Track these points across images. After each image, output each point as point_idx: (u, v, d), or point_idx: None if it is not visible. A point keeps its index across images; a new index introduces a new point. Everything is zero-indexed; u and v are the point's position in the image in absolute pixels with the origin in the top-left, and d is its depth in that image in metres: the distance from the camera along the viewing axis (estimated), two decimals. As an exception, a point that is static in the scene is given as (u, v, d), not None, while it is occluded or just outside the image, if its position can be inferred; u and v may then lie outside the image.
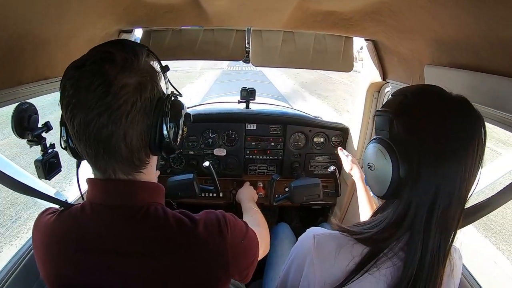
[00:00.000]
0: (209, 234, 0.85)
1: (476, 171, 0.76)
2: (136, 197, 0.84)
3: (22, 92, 1.02)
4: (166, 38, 1.75)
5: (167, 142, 0.84)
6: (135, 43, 0.85)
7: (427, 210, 0.77)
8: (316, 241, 0.87)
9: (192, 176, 1.80)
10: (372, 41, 1.63)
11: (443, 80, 1.05)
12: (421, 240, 0.78)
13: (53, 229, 0.84)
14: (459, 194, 0.76)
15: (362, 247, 0.82)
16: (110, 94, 0.72)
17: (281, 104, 3.13)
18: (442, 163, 0.75)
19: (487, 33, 0.80)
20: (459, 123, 0.75)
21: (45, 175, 1.12)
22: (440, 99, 0.80)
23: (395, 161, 0.79)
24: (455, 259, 0.88)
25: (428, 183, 0.76)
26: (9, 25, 0.85)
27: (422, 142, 0.76)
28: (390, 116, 0.82)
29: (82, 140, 0.76)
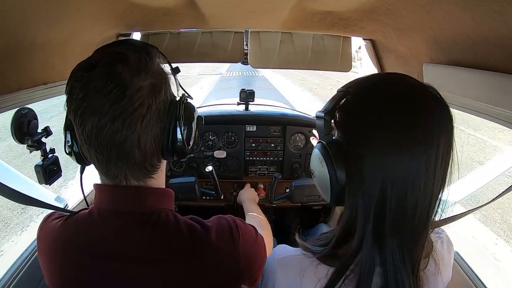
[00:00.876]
0: (222, 241, 0.83)
1: (443, 168, 0.68)
2: (146, 203, 0.82)
3: (21, 97, 1.02)
4: (164, 41, 1.75)
5: (180, 146, 0.82)
6: (145, 43, 0.84)
7: (376, 216, 0.68)
8: (279, 264, 0.81)
9: (194, 179, 1.80)
10: (370, 40, 1.63)
11: (442, 78, 1.05)
12: (376, 252, 0.70)
13: (59, 234, 0.83)
14: (420, 195, 0.67)
15: (326, 267, 0.74)
16: (126, 98, 0.69)
17: (280, 105, 3.13)
18: (390, 162, 0.66)
19: (484, 30, 0.80)
20: (413, 116, 0.66)
21: (46, 180, 1.12)
22: (391, 90, 0.71)
23: (331, 167, 0.73)
24: (441, 253, 0.81)
25: (373, 186, 0.67)
26: (6, 30, 0.85)
27: (364, 142, 0.69)
28: (326, 119, 0.76)
29: (93, 145, 0.73)
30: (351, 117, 0.73)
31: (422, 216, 0.68)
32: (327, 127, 0.76)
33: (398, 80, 0.74)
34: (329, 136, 0.77)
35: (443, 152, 0.66)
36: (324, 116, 0.75)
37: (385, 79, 0.77)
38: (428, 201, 0.68)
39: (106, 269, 0.78)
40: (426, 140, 0.65)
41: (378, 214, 0.68)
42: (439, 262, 0.78)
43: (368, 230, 0.69)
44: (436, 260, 0.78)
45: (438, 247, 0.81)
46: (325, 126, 0.76)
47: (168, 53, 1.77)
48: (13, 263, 1.28)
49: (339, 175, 0.72)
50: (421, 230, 0.70)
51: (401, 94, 0.69)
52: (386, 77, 0.77)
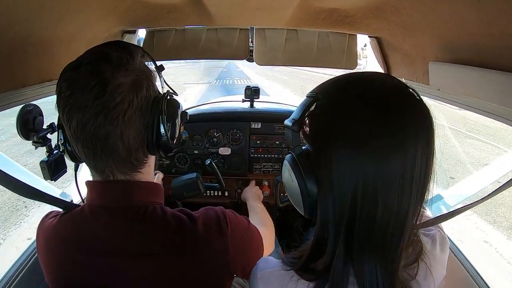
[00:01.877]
0: (209, 231, 0.85)
1: (423, 176, 0.63)
2: (134, 197, 0.84)
3: (27, 94, 1.03)
4: (169, 38, 1.76)
5: (165, 141, 0.84)
6: (130, 44, 0.86)
7: (347, 227, 0.64)
8: (260, 279, 0.78)
9: (196, 175, 1.80)
10: (376, 38, 1.61)
11: (448, 77, 1.04)
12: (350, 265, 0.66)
13: (54, 231, 0.85)
14: (394, 206, 0.62)
15: (306, 283, 0.70)
16: (107, 94, 0.72)
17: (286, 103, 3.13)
18: (360, 170, 0.61)
19: (490, 28, 0.79)
20: (385, 120, 0.61)
21: (51, 176, 1.12)
22: (360, 92, 0.66)
23: (301, 178, 0.68)
24: (432, 253, 0.77)
25: (343, 194, 0.63)
26: (11, 27, 0.85)
27: (331, 148, 0.64)
28: (294, 129, 0.69)
29: (80, 141, 0.76)
30: (319, 124, 0.69)
31: (397, 227, 0.63)
32: (296, 138, 0.70)
33: (369, 81, 0.69)
34: (299, 147, 0.71)
35: (422, 159, 0.61)
36: (292, 126, 0.70)
37: (354, 80, 0.71)
38: (405, 212, 0.63)
39: (99, 264, 0.81)
40: (400, 147, 0.60)
41: (349, 225, 0.64)
42: (429, 264, 0.74)
43: (340, 246, 0.65)
44: (427, 263, 0.74)
45: (429, 247, 0.78)
46: (293, 137, 0.70)
47: (173, 50, 1.79)
48: (14, 262, 1.30)
49: (309, 186, 0.68)
50: (396, 242, 0.65)
51: (372, 96, 0.64)
52: (356, 78, 0.71)
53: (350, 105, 0.64)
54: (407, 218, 0.64)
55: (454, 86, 1.02)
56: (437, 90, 1.13)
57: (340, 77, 0.72)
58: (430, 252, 0.76)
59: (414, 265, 0.72)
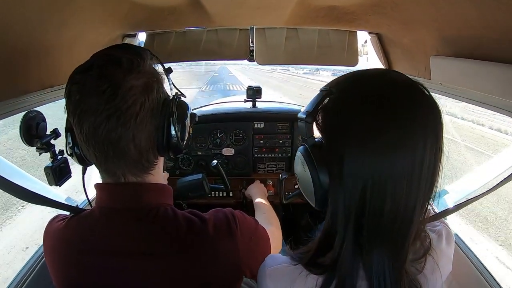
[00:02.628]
0: (219, 233, 0.85)
1: (432, 172, 0.64)
2: (145, 199, 0.85)
3: (29, 101, 1.03)
4: (170, 40, 1.76)
5: (175, 142, 0.84)
6: (138, 46, 0.86)
7: (356, 220, 0.65)
8: (269, 276, 0.78)
9: (202, 176, 1.80)
10: (376, 34, 1.61)
11: (449, 71, 1.04)
12: (359, 258, 0.66)
13: (62, 234, 0.85)
14: (402, 200, 0.63)
15: (315, 277, 0.70)
16: (118, 97, 0.72)
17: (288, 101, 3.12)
18: (370, 164, 0.62)
19: (490, 21, 0.78)
20: (396, 116, 0.62)
21: (56, 182, 1.13)
22: (372, 88, 0.67)
23: (313, 170, 0.70)
24: (439, 247, 0.78)
25: (353, 188, 0.64)
26: (12, 34, 0.86)
27: (344, 142, 0.65)
28: (307, 121, 0.72)
29: (92, 144, 0.76)
30: (332, 117, 0.71)
31: (404, 221, 0.64)
32: (309, 130, 0.73)
33: (381, 77, 0.70)
34: (311, 139, 0.74)
35: (431, 155, 0.62)
36: (306, 118, 0.72)
37: (367, 76, 0.72)
38: (412, 206, 0.64)
39: (109, 265, 0.81)
40: (410, 142, 0.61)
41: (358, 218, 0.65)
42: (437, 258, 0.75)
43: (349, 238, 0.66)
44: (434, 257, 0.75)
45: (435, 242, 0.78)
46: (306, 129, 0.73)
47: (174, 52, 1.79)
48: (23, 266, 1.31)
49: (321, 178, 0.69)
50: (403, 236, 0.66)
51: (382, 93, 0.65)
52: (369, 74, 0.73)
53: (362, 101, 0.65)
54: (414, 212, 0.65)
55: (456, 79, 1.01)
56: (439, 84, 1.13)
57: (353, 73, 0.74)
58: (437, 247, 0.77)
59: (422, 260, 0.73)
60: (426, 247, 0.74)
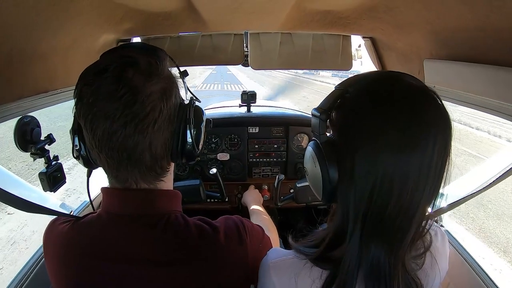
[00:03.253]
0: (230, 241, 0.84)
1: (438, 174, 0.66)
2: (157, 206, 0.83)
3: (23, 105, 1.02)
4: (164, 45, 1.75)
5: (190, 149, 0.83)
6: (153, 46, 0.84)
7: (364, 217, 0.67)
8: (273, 268, 0.79)
9: (199, 182, 1.80)
10: (370, 38, 1.62)
11: (443, 73, 1.05)
12: (364, 253, 0.68)
13: (67, 238, 0.83)
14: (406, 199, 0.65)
15: (320, 269, 0.73)
16: (137, 102, 0.70)
17: (282, 106, 3.13)
18: (381, 164, 0.64)
19: (483, 23, 0.79)
20: (409, 118, 0.64)
21: (50, 188, 1.12)
22: (387, 90, 0.68)
23: (324, 166, 0.72)
24: (435, 244, 0.80)
25: (364, 186, 0.66)
26: (7, 39, 0.85)
27: (357, 142, 0.67)
28: (321, 118, 0.74)
29: (104, 150, 0.73)
30: (346, 116, 0.72)
31: (405, 219, 0.67)
32: (322, 126, 0.74)
33: (396, 79, 0.71)
34: (324, 135, 0.75)
35: (438, 158, 0.64)
36: (320, 115, 0.74)
37: (383, 78, 0.74)
38: (415, 206, 0.66)
39: (116, 272, 0.78)
40: (420, 143, 0.63)
41: (365, 215, 0.67)
42: (435, 253, 0.78)
43: (356, 231, 0.68)
44: (432, 252, 0.77)
45: (433, 239, 0.80)
46: (320, 125, 0.74)
47: (168, 58, 1.79)
48: (20, 269, 1.29)
49: (331, 174, 0.71)
50: (402, 234, 0.68)
51: (398, 95, 0.67)
52: (384, 76, 0.75)
53: (377, 101, 0.67)
54: (417, 212, 0.67)
55: (450, 82, 1.02)
56: (433, 87, 1.14)
57: (370, 73, 0.76)
58: (434, 243, 0.79)
59: (422, 257, 0.75)
60: (427, 245, 0.76)
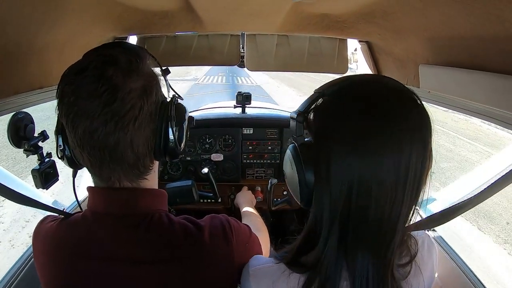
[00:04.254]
0: (215, 240, 0.84)
1: (418, 178, 0.65)
2: (140, 205, 0.82)
3: (18, 101, 1.01)
4: (161, 44, 1.75)
5: (172, 146, 0.82)
6: (135, 45, 0.84)
7: (341, 222, 0.66)
8: (252, 275, 0.79)
9: (191, 182, 1.79)
10: (366, 42, 1.63)
11: (438, 79, 1.06)
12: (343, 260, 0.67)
13: (53, 237, 0.83)
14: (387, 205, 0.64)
15: (297, 276, 0.71)
16: (117, 100, 0.70)
17: (277, 108, 3.14)
18: (356, 167, 0.63)
19: (480, 31, 0.80)
20: (383, 120, 0.63)
21: (43, 185, 1.11)
22: (363, 92, 0.68)
23: (300, 168, 0.71)
24: (421, 253, 0.78)
25: (339, 190, 0.65)
26: (2, 34, 0.85)
27: (332, 144, 0.66)
28: (298, 120, 0.74)
29: (86, 149, 0.73)
30: (322, 119, 0.72)
31: (389, 227, 0.66)
32: (299, 129, 0.74)
33: (373, 83, 0.72)
34: (301, 138, 0.75)
35: (417, 163, 0.63)
36: (297, 117, 0.74)
37: (361, 81, 0.74)
38: (397, 212, 0.65)
39: (101, 271, 0.79)
40: (396, 147, 0.62)
41: (344, 222, 0.66)
42: (419, 262, 0.76)
43: (333, 238, 0.67)
44: (417, 261, 0.75)
45: (419, 247, 0.79)
46: (297, 128, 0.74)
47: (164, 57, 1.79)
48: (10, 268, 1.27)
49: (307, 177, 0.70)
50: (388, 241, 0.67)
51: (374, 99, 0.66)
52: (362, 79, 0.75)
53: (352, 105, 0.67)
54: (399, 218, 0.66)
55: (445, 88, 1.03)
56: (428, 92, 1.15)
57: (347, 76, 0.76)
58: (419, 251, 0.78)
59: (408, 266, 0.74)
60: (413, 254, 0.75)
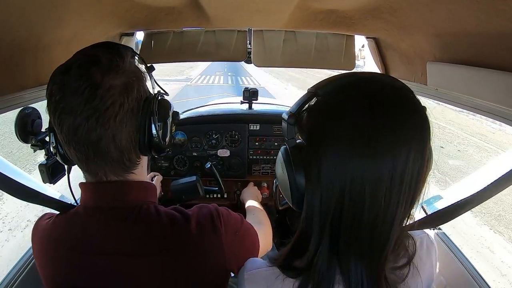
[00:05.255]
0: (202, 229, 0.85)
1: (414, 181, 0.62)
2: (128, 197, 0.85)
3: (25, 97, 1.03)
4: (167, 40, 1.76)
5: (156, 141, 0.84)
6: (120, 45, 0.86)
7: (332, 225, 0.64)
8: (247, 279, 0.77)
9: (196, 178, 1.79)
10: (374, 39, 1.62)
11: (446, 76, 1.05)
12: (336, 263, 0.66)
13: (49, 234, 0.86)
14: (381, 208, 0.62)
15: (292, 281, 0.70)
16: (97, 97, 0.72)
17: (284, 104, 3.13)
18: (348, 170, 0.61)
19: (487, 27, 0.79)
20: (378, 121, 0.61)
21: (50, 179, 1.12)
22: (357, 92, 0.65)
23: (290, 171, 0.69)
24: (419, 254, 0.76)
25: (330, 193, 0.63)
26: (10, 30, 0.85)
27: (323, 145, 0.64)
28: (289, 122, 0.71)
29: (72, 144, 0.76)
30: (314, 120, 0.69)
31: (383, 229, 0.63)
32: (290, 131, 0.72)
33: (368, 82, 0.68)
34: (292, 140, 0.72)
35: (414, 166, 0.61)
36: (288, 119, 0.71)
37: (354, 80, 0.70)
38: (392, 214, 0.63)
39: (95, 265, 0.81)
40: (391, 150, 0.60)
41: (336, 225, 0.64)
42: (417, 263, 0.74)
43: (325, 241, 0.65)
44: (414, 262, 0.73)
45: (417, 248, 0.77)
46: (288, 130, 0.72)
47: (171, 52, 1.79)
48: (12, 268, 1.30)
49: (298, 179, 0.69)
50: (382, 244, 0.65)
51: (368, 97, 0.63)
52: (355, 78, 0.71)
53: (346, 105, 0.64)
54: (394, 221, 0.64)
55: (452, 85, 1.02)
56: (435, 90, 1.14)
57: (340, 75, 0.72)
58: (417, 253, 0.76)
59: (405, 268, 0.72)
60: (411, 255, 0.74)
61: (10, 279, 1.24)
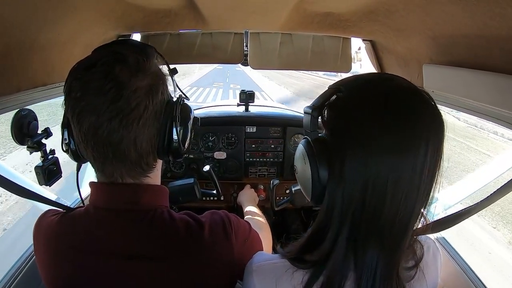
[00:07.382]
0: (215, 236, 0.84)
1: (430, 177, 0.65)
2: (142, 201, 0.83)
3: (21, 99, 1.02)
4: (164, 42, 1.75)
5: (176, 146, 0.83)
6: (144, 43, 0.84)
7: (353, 219, 0.66)
8: (256, 272, 0.78)
9: (193, 180, 1.79)
10: (370, 41, 1.63)
11: (442, 79, 1.05)
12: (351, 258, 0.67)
13: (55, 231, 0.83)
14: (401, 203, 0.64)
15: (301, 274, 0.71)
16: (122, 98, 0.71)
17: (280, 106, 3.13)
18: (372, 165, 0.63)
19: (483, 30, 0.80)
20: (402, 120, 0.64)
21: (46, 182, 1.12)
22: (381, 91, 0.68)
23: (314, 164, 0.70)
24: (425, 259, 0.78)
25: (353, 188, 0.65)
26: (5, 31, 0.85)
27: (348, 141, 0.66)
28: (313, 115, 0.73)
29: (90, 144, 0.74)
30: (338, 115, 0.72)
31: (402, 224, 0.66)
32: (314, 124, 0.74)
33: (389, 81, 0.71)
34: (315, 133, 0.75)
35: (431, 160, 0.64)
36: (312, 112, 0.73)
37: (378, 79, 0.74)
38: (410, 210, 0.65)
39: (102, 266, 0.79)
40: (413, 145, 0.63)
41: (356, 218, 0.66)
42: (423, 267, 0.76)
43: (343, 234, 0.67)
44: (421, 266, 0.75)
45: (424, 252, 0.79)
46: (311, 122, 0.74)
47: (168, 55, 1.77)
48: (12, 265, 1.28)
49: (321, 173, 0.70)
50: (400, 239, 0.67)
51: (392, 96, 0.66)
52: (379, 77, 0.76)
53: (369, 102, 0.67)
54: (411, 217, 0.67)
55: (448, 87, 1.03)
56: (431, 92, 1.14)
57: (363, 74, 0.77)
58: (424, 257, 0.78)
59: (412, 271, 0.74)
60: (419, 258, 0.75)
61: (9, 277, 1.23)
